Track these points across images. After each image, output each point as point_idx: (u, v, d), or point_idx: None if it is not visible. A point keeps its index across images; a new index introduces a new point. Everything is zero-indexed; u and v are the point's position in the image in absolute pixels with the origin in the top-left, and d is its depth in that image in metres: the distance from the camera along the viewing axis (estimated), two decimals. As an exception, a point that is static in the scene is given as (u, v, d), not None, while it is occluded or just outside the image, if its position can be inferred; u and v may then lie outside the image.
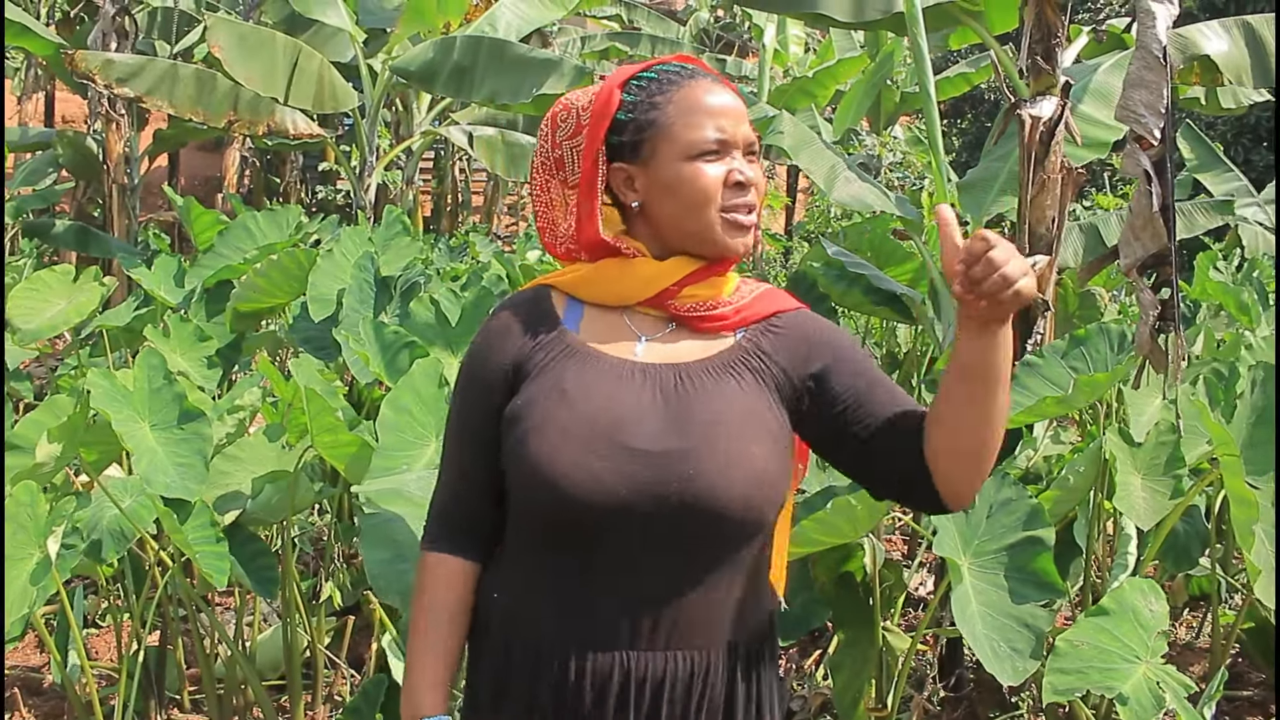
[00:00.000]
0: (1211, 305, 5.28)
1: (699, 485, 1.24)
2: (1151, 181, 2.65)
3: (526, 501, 1.31)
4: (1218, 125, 11.80)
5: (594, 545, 1.27)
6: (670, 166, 1.31)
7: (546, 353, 1.33)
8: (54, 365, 5.99)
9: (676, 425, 1.27)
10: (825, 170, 3.67)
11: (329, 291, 3.94)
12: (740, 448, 1.27)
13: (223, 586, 2.41)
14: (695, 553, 1.29)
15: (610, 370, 1.31)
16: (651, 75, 1.34)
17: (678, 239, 1.33)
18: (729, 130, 1.31)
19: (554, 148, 1.37)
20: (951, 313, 3.71)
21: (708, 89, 1.33)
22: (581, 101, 1.36)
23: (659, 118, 1.31)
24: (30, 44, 7.23)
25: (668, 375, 1.31)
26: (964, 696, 3.12)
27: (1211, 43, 3.68)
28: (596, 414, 1.27)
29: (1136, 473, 2.57)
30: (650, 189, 1.33)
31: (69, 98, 13.07)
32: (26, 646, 3.45)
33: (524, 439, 1.28)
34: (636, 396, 1.29)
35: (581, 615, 1.29)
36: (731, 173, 1.31)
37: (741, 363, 1.33)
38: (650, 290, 1.33)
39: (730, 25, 15.70)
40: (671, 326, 1.35)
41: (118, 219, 7.51)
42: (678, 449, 1.26)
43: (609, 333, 1.35)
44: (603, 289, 1.36)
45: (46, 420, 2.70)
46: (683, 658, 1.30)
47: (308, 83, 6.22)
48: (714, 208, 1.30)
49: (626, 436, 1.26)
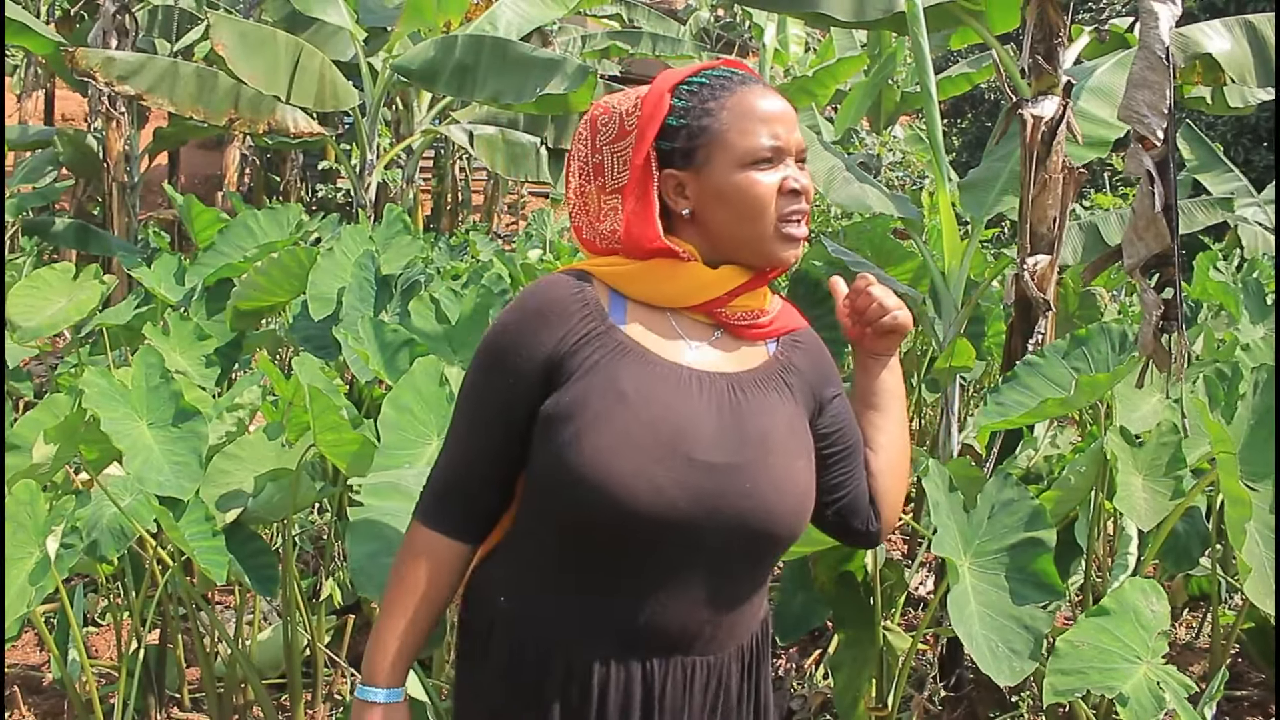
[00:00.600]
0: (1212, 305, 5.28)
1: (755, 501, 1.25)
2: (1154, 182, 2.65)
3: (572, 506, 1.24)
4: (1218, 126, 11.80)
5: (637, 554, 1.24)
6: (725, 174, 1.28)
7: (596, 347, 1.27)
8: (54, 363, 5.99)
9: (733, 438, 1.26)
10: (825, 171, 3.67)
11: (329, 290, 3.94)
12: (790, 463, 1.30)
13: (221, 583, 2.41)
14: (735, 564, 1.29)
15: (669, 375, 1.27)
16: (702, 80, 1.32)
17: (729, 247, 1.31)
18: (783, 137, 1.30)
19: (594, 152, 1.34)
20: (953, 312, 3.71)
21: (761, 95, 1.31)
22: (625, 105, 1.33)
23: (713, 124, 1.29)
24: (30, 42, 7.23)
25: (722, 385, 1.30)
26: (964, 696, 3.12)
27: (1214, 42, 3.68)
28: (658, 421, 1.23)
29: (1138, 473, 2.57)
30: (702, 197, 1.30)
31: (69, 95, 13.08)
32: (26, 645, 3.45)
33: (577, 440, 1.22)
34: (695, 405, 1.26)
35: (606, 622, 1.26)
36: (786, 180, 1.30)
37: (780, 376, 1.36)
38: (703, 296, 1.31)
39: (730, 25, 15.69)
40: (718, 333, 1.34)
41: (118, 217, 7.52)
42: (737, 463, 1.25)
43: (658, 333, 1.31)
44: (653, 288, 1.31)
45: (45, 419, 2.70)
46: (702, 664, 1.30)
47: (309, 81, 6.22)
48: (769, 217, 1.29)
49: (689, 447, 1.23)
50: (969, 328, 4.01)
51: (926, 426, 5.39)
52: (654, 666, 1.27)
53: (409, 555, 1.35)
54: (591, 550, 1.25)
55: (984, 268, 4.80)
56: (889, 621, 2.64)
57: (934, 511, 2.30)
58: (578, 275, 1.33)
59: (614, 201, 1.33)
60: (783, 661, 3.44)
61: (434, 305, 3.55)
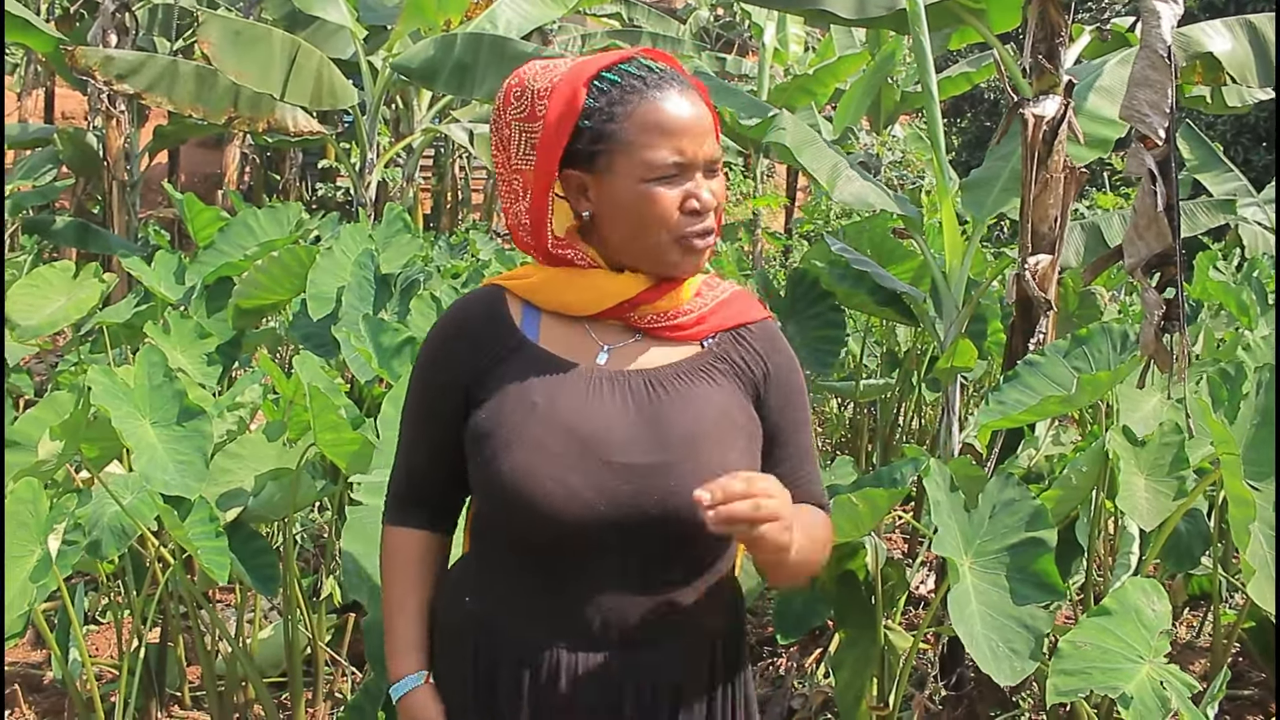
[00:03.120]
0: (1212, 305, 5.28)
1: (681, 499, 1.20)
2: (1156, 181, 2.65)
3: (502, 519, 1.28)
4: (1217, 125, 11.81)
5: (575, 557, 1.26)
6: (625, 185, 1.25)
7: (507, 363, 1.29)
8: (54, 362, 5.99)
9: (654, 436, 1.25)
10: (828, 169, 3.66)
11: (329, 289, 3.94)
12: (719, 457, 1.26)
13: (223, 582, 2.41)
14: (677, 558, 1.29)
15: (578, 380, 1.28)
16: (615, 79, 1.27)
17: (628, 256, 1.29)
18: (688, 151, 1.25)
19: (505, 125, 1.31)
20: (954, 311, 3.71)
21: (670, 102, 1.25)
22: (539, 84, 1.28)
23: (617, 131, 1.25)
24: (30, 40, 7.22)
25: (637, 382, 1.28)
26: (965, 695, 3.11)
27: (1215, 41, 3.68)
28: (569, 427, 1.24)
29: (1140, 473, 2.57)
30: (602, 202, 1.27)
31: (69, 94, 13.07)
32: (27, 643, 3.45)
33: (496, 456, 1.25)
34: (607, 408, 1.26)
35: (565, 620, 1.28)
36: (689, 199, 1.26)
37: (712, 365, 1.33)
38: (603, 306, 1.30)
39: (730, 24, 15.70)
40: (637, 336, 1.33)
41: (118, 215, 7.52)
42: (658, 462, 1.24)
43: (570, 341, 1.31)
44: (557, 298, 1.32)
45: (47, 417, 2.69)
46: (671, 651, 1.31)
47: (305, 79, 6.20)
48: (667, 232, 1.26)
49: (604, 450, 1.24)
50: (970, 327, 4.01)
51: (927, 426, 5.39)
52: (619, 657, 1.28)
53: (387, 557, 1.44)
54: (534, 554, 1.28)
55: (985, 267, 4.80)
56: (890, 620, 2.64)
57: (935, 511, 2.30)
58: (489, 291, 1.36)
59: (516, 181, 1.32)
60: (784, 660, 3.44)
61: (435, 304, 3.56)
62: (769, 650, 3.55)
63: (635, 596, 1.27)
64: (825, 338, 4.12)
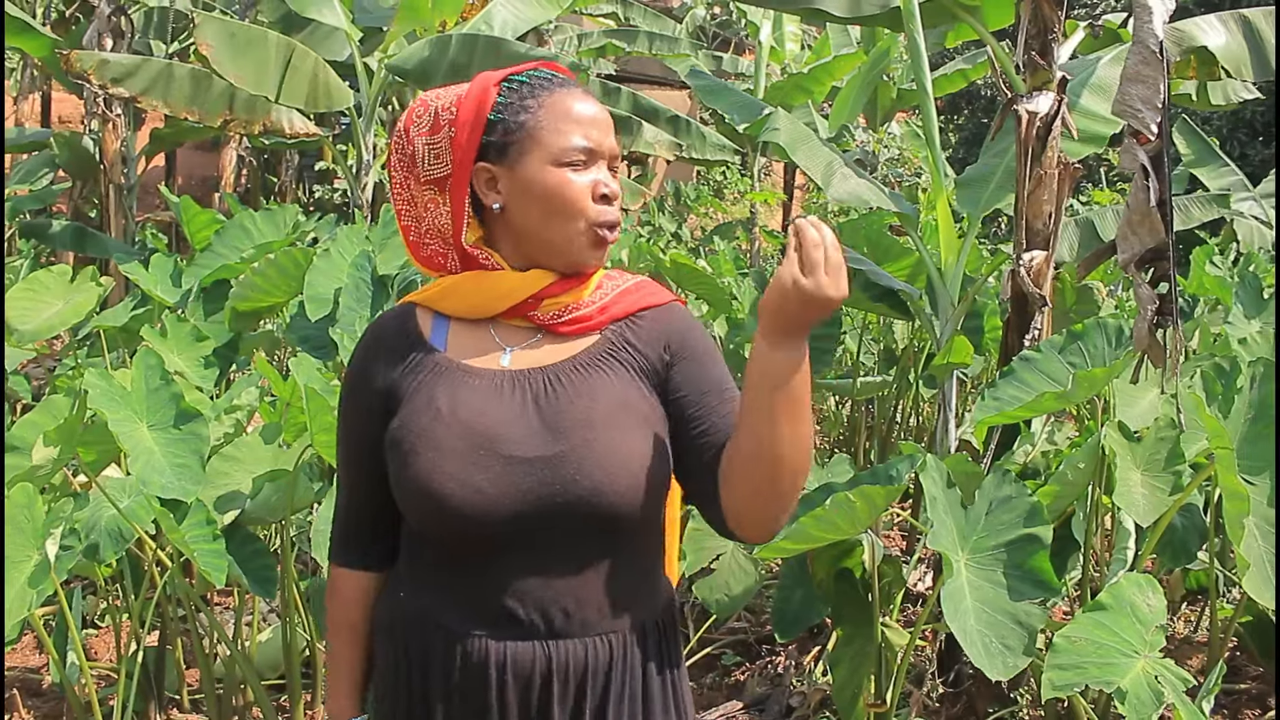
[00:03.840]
0: (1208, 300, 5.29)
1: (583, 486, 1.25)
2: (1149, 176, 2.65)
3: (418, 521, 1.32)
4: (1213, 120, 11.81)
5: (492, 552, 1.29)
6: (537, 171, 1.30)
7: (417, 374, 1.33)
8: (52, 366, 5.99)
9: (551, 429, 1.28)
10: (822, 167, 3.67)
11: (326, 291, 3.94)
12: (617, 440, 1.28)
13: (221, 585, 2.41)
14: (591, 545, 1.30)
15: (481, 383, 1.32)
16: (523, 79, 1.34)
17: (536, 247, 1.33)
18: (596, 140, 1.32)
19: (408, 143, 1.36)
20: (949, 308, 3.71)
21: (578, 98, 1.33)
22: (442, 101, 1.36)
23: (529, 120, 1.31)
24: (26, 44, 7.22)
25: (537, 379, 1.32)
26: (963, 692, 3.12)
27: (1209, 36, 3.69)
28: (470, 427, 1.28)
29: (1136, 468, 2.57)
30: (513, 192, 1.32)
31: (65, 98, 13.07)
32: (25, 647, 3.45)
33: (404, 462, 1.29)
34: (507, 406, 1.30)
35: (493, 612, 1.30)
36: (598, 184, 1.32)
37: (609, 355, 1.34)
38: (508, 302, 1.33)
39: (727, 22, 15.70)
40: (539, 334, 1.36)
41: (114, 219, 7.51)
42: (556, 453, 1.27)
43: (476, 346, 1.35)
44: (462, 302, 1.36)
45: (44, 421, 2.69)
46: (601, 643, 1.31)
47: (301, 81, 6.20)
48: (580, 219, 1.31)
49: (504, 446, 1.27)
50: (966, 323, 4.02)
51: (924, 423, 5.40)
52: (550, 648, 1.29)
53: (331, 598, 1.46)
54: (451, 549, 1.31)
55: (980, 264, 4.81)
56: (887, 618, 2.64)
57: (931, 507, 2.31)
58: (400, 309, 1.40)
59: (430, 193, 1.36)
60: (782, 658, 3.45)
61: (431, 305, 3.55)
62: (767, 648, 3.56)
63: (554, 587, 1.29)
64: (822, 335, 4.12)
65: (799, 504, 2.59)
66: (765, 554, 2.47)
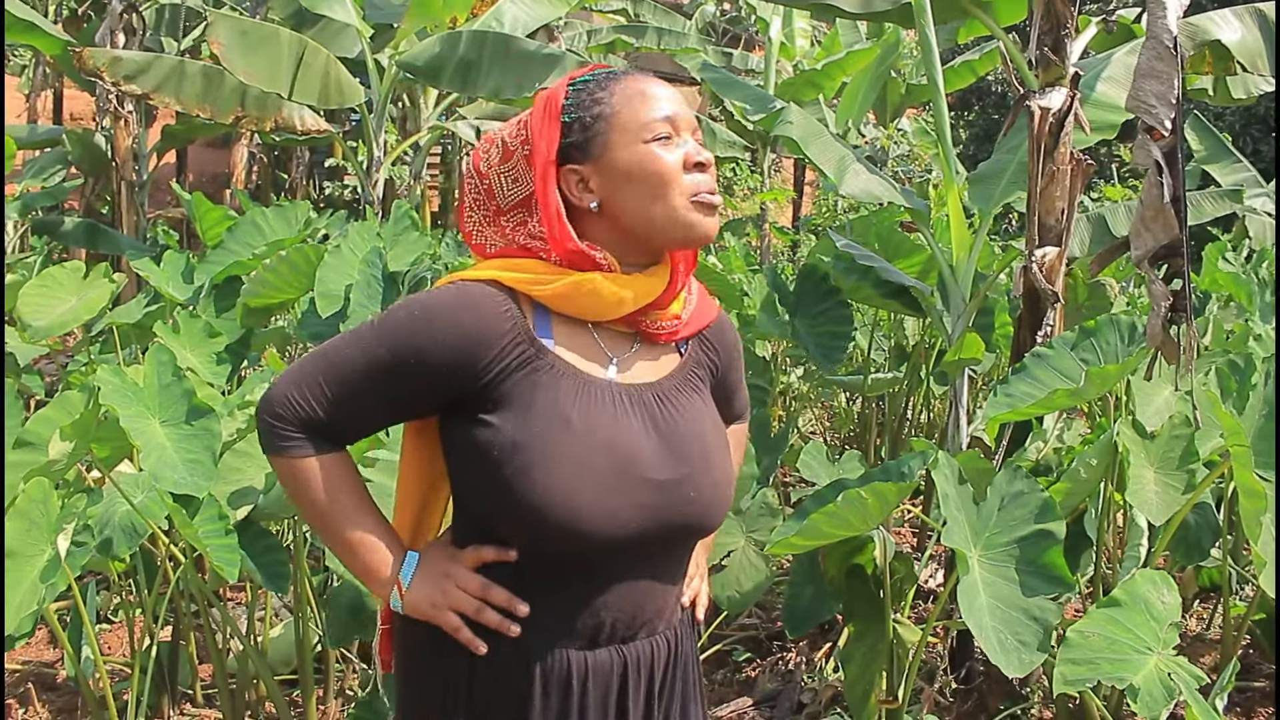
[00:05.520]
0: (1221, 296, 5.26)
1: (698, 507, 1.31)
2: (1162, 172, 2.64)
3: (528, 536, 1.26)
4: (1226, 116, 11.75)
5: (589, 568, 1.29)
6: (626, 154, 1.28)
7: (526, 370, 1.26)
8: (64, 362, 6.01)
9: (672, 451, 1.30)
10: (835, 162, 3.66)
11: (337, 287, 3.94)
12: (721, 463, 1.36)
13: (234, 580, 2.42)
14: (679, 556, 1.38)
15: (603, 395, 1.29)
16: (586, 79, 1.34)
17: (643, 232, 1.30)
18: (675, 111, 1.31)
19: (481, 178, 1.35)
20: (961, 304, 3.70)
21: (646, 79, 1.33)
22: (506, 130, 1.35)
23: (605, 110, 1.30)
24: (38, 41, 7.24)
25: (648, 397, 1.33)
26: (974, 688, 3.12)
27: (1224, 30, 3.67)
28: (606, 447, 1.25)
29: (1150, 466, 2.56)
30: (607, 184, 1.29)
31: (77, 95, 13.09)
32: (40, 642, 3.47)
33: (528, 473, 1.22)
34: (633, 425, 1.29)
35: (576, 624, 1.30)
36: (689, 155, 1.30)
37: (696, 376, 1.40)
38: (623, 311, 1.31)
39: (736, 18, 15.66)
40: (636, 344, 1.36)
41: (126, 215, 7.55)
42: (680, 476, 1.30)
43: (583, 350, 1.32)
44: (576, 305, 1.30)
45: (58, 417, 2.70)
46: (660, 640, 1.37)
47: (313, 78, 6.21)
48: (677, 190, 1.29)
49: (638, 469, 1.27)
50: (977, 320, 4.01)
51: (935, 419, 5.39)
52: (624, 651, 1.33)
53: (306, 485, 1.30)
54: (549, 564, 1.29)
55: (992, 260, 4.79)
56: (899, 614, 2.64)
57: (943, 503, 2.30)
58: (493, 287, 1.29)
59: (518, 216, 1.33)
60: (793, 655, 3.44)
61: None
62: (778, 645, 3.55)
63: (638, 596, 1.32)
64: (833, 333, 4.12)
65: (810, 500, 2.59)
66: (776, 550, 2.47)
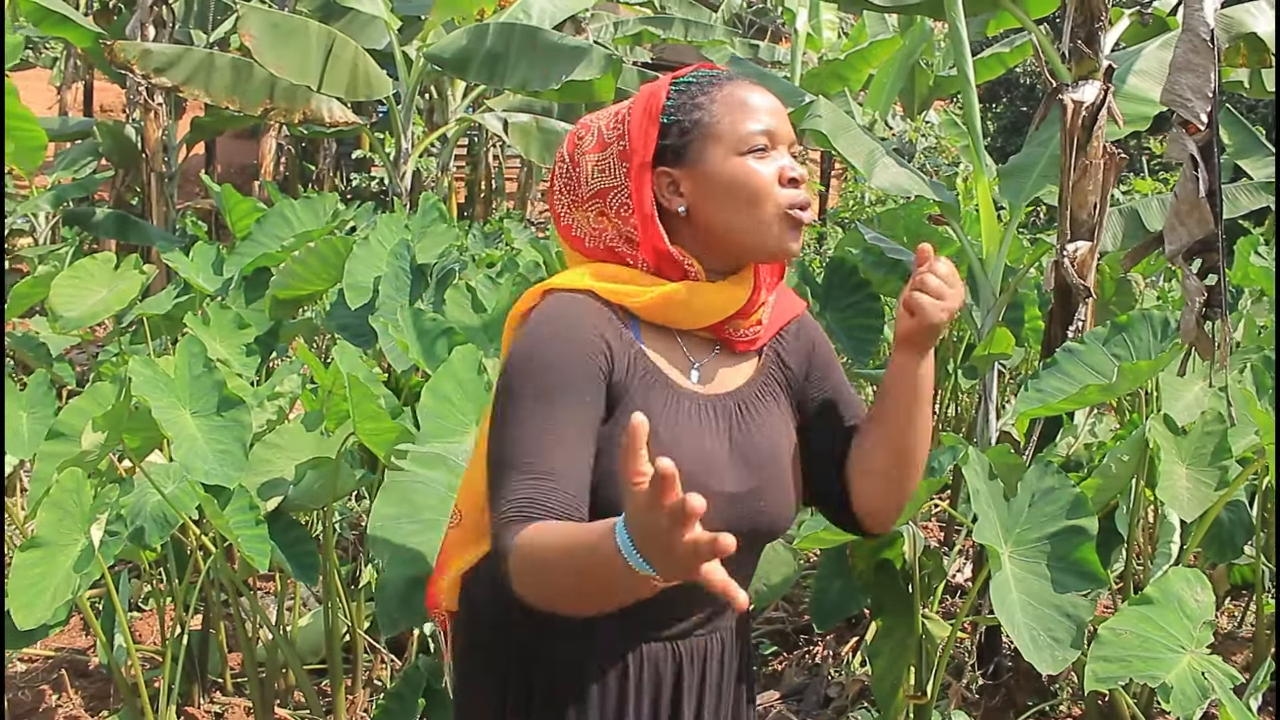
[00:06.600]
0: (1254, 291, 5.21)
1: (767, 517, 1.32)
2: (1198, 167, 2.61)
3: None
4: (1259, 109, 11.62)
5: None
6: (720, 165, 1.27)
7: (631, 375, 1.27)
8: (95, 352, 6.07)
9: (747, 462, 1.31)
10: (864, 155, 3.64)
11: (365, 279, 3.96)
12: (790, 473, 1.36)
13: (264, 570, 2.43)
14: (746, 562, 1.37)
15: (686, 405, 1.29)
16: (690, 79, 1.32)
17: (729, 242, 1.29)
18: (775, 126, 1.30)
19: (574, 166, 1.34)
20: (991, 298, 3.68)
21: (750, 88, 1.31)
22: (604, 119, 1.34)
23: (704, 117, 1.28)
24: (69, 34, 7.31)
25: (730, 407, 1.33)
26: (1002, 684, 3.10)
27: (1259, 21, 3.62)
28: (688, 460, 1.23)
29: (1181, 462, 2.54)
30: (698, 191, 1.28)
31: (108, 87, 13.20)
32: (73, 629, 3.51)
33: (610, 479, 1.21)
34: (714, 436, 1.30)
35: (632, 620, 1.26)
36: (784, 170, 1.29)
37: (774, 381, 1.39)
38: (713, 319, 1.32)
39: (763, 10, 15.61)
40: (716, 350, 1.35)
41: (156, 207, 7.60)
42: (752, 488, 1.30)
43: (669, 356, 1.32)
44: (668, 315, 1.30)
45: (90, 408, 2.73)
46: (716, 638, 1.38)
47: (342, 70, 6.24)
48: (770, 204, 1.27)
49: (715, 482, 1.26)
50: (1007, 314, 3.98)
51: (964, 414, 5.36)
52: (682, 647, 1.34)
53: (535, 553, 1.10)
54: None
55: (1022, 254, 4.76)
56: (927, 609, 2.63)
57: (974, 499, 2.29)
58: (587, 294, 1.28)
59: (595, 206, 1.32)
60: (820, 648, 3.44)
61: (470, 294, 3.57)
62: (805, 638, 3.55)
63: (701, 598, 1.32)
64: (863, 326, 4.10)
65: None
66: (804, 544, 2.47)
